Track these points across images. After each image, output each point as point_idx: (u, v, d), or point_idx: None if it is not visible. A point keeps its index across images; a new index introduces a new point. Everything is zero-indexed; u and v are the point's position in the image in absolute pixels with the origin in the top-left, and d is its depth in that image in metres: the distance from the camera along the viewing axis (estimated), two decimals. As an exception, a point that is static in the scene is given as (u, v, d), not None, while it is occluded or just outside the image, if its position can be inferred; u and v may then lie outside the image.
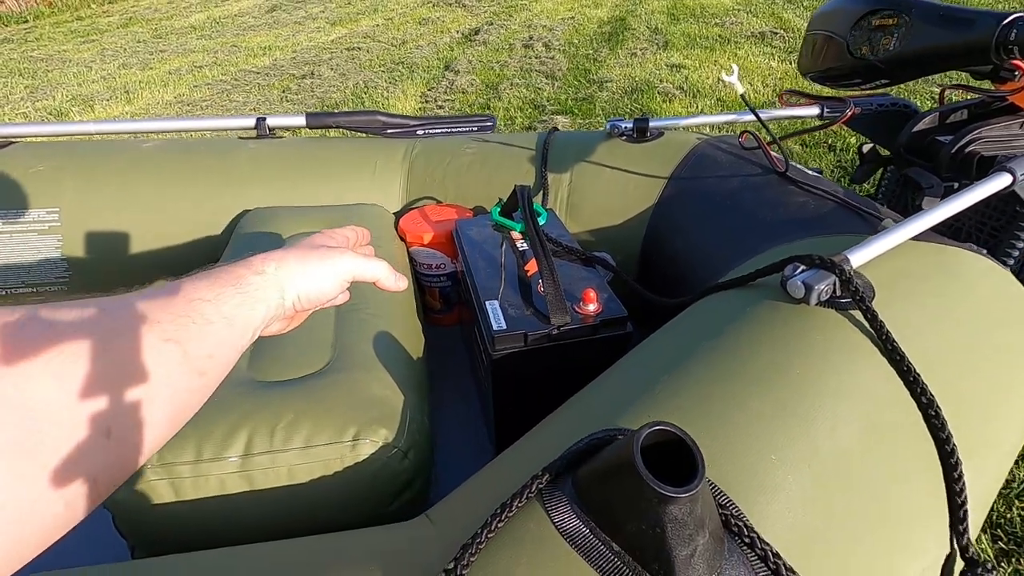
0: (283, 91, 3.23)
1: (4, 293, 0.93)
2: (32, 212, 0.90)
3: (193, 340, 0.27)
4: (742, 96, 0.68)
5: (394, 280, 0.42)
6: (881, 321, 0.45)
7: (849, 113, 0.71)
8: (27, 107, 3.18)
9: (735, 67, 0.65)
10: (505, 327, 0.59)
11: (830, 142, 2.03)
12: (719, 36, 3.49)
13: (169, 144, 1.00)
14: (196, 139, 1.07)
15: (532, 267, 0.70)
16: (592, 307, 0.61)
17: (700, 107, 2.42)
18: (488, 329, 0.59)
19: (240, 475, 0.45)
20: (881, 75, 0.66)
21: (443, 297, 0.92)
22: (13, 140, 0.98)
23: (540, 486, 0.36)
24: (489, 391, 0.62)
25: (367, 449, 0.47)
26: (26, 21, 6.17)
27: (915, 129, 0.74)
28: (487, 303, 0.63)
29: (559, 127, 2.36)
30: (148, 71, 3.81)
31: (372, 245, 0.47)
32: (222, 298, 0.30)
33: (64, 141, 1.01)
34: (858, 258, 0.49)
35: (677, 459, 0.31)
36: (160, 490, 0.43)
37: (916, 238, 0.54)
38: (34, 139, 1.00)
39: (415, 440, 0.50)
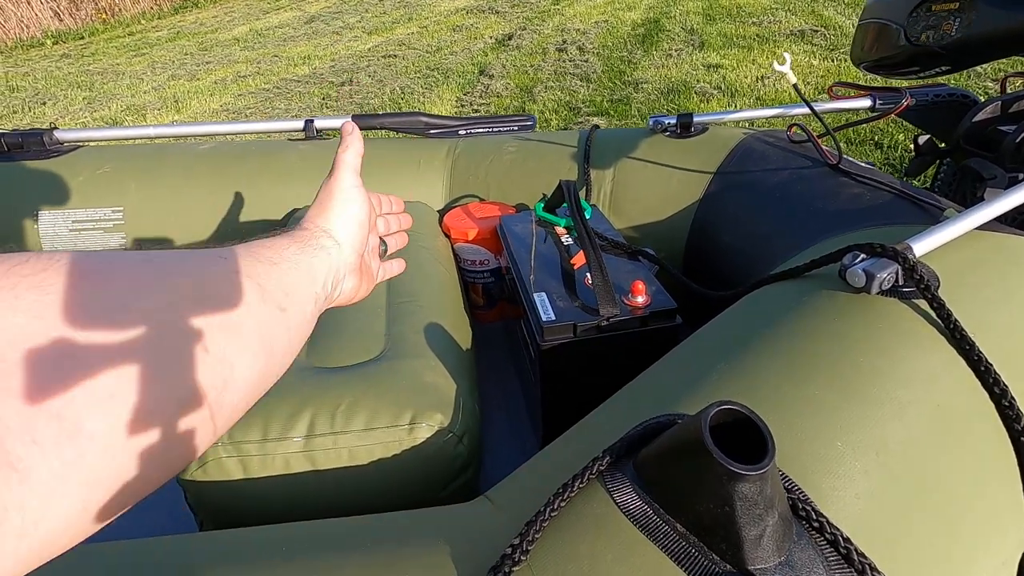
0: (323, 98, 3.32)
1: (72, 288, 0.98)
2: (99, 211, 0.95)
3: (264, 276, 0.28)
4: (794, 86, 0.66)
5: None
6: (949, 310, 0.44)
7: (905, 103, 0.69)
8: (86, 117, 3.36)
9: (787, 55, 0.64)
10: (554, 318, 0.59)
11: (877, 139, 1.97)
12: (757, 35, 3.43)
13: (223, 146, 1.04)
14: (248, 141, 1.12)
15: (578, 260, 0.70)
16: (641, 299, 0.61)
17: (739, 106, 2.39)
18: (537, 320, 0.60)
19: (304, 455, 0.46)
20: (941, 62, 0.64)
21: (486, 293, 0.93)
22: (80, 144, 1.04)
23: (601, 468, 0.36)
24: (538, 383, 0.62)
25: (423, 433, 0.48)
26: (82, 38, 6.51)
27: (976, 119, 0.71)
28: (535, 295, 0.63)
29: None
30: (195, 81, 3.97)
31: (419, 244, 0.48)
32: (280, 247, 0.31)
33: (126, 145, 1.07)
34: (921, 247, 0.48)
35: (744, 441, 0.31)
36: (229, 467, 0.45)
37: (981, 228, 0.52)
38: (99, 143, 1.06)
39: (468, 426, 0.51)
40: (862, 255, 0.48)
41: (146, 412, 0.21)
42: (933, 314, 0.45)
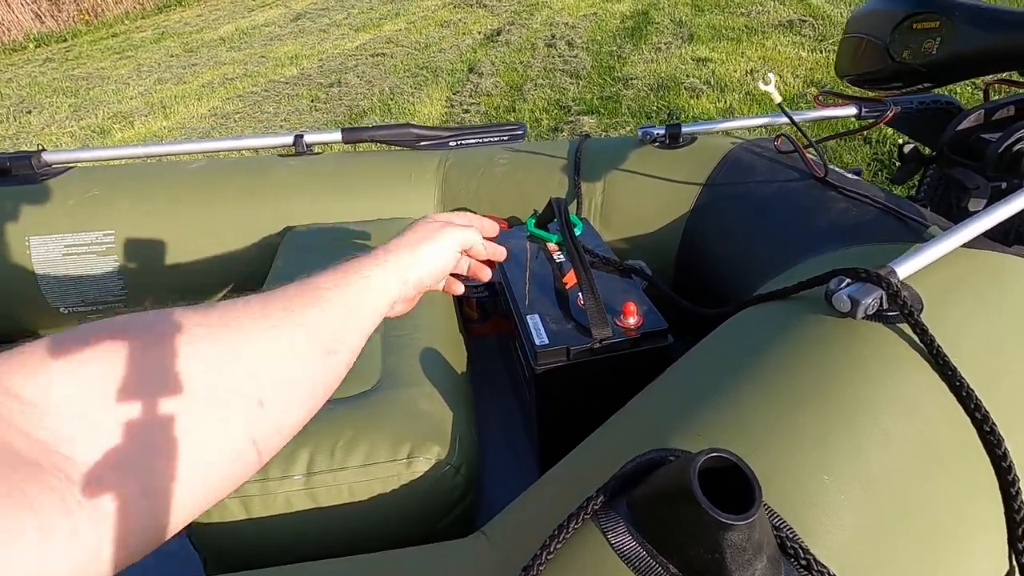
0: (312, 100, 3.30)
1: (66, 312, 0.98)
2: (91, 235, 0.95)
3: (316, 324, 0.31)
4: (779, 105, 0.67)
5: (487, 249, 0.49)
6: (931, 335, 0.45)
7: (890, 114, 0.69)
8: (72, 126, 3.33)
9: (772, 76, 0.65)
10: (548, 342, 0.60)
11: (866, 135, 1.98)
12: (745, 26, 3.43)
13: (213, 164, 1.04)
14: (237, 158, 1.12)
15: (570, 279, 0.71)
16: (632, 320, 0.62)
17: (728, 102, 2.39)
18: (531, 344, 0.60)
19: (305, 492, 0.47)
20: (922, 79, 0.65)
21: (480, 307, 0.93)
22: (69, 165, 1.04)
23: (595, 507, 0.37)
24: (533, 405, 0.63)
25: (421, 466, 0.49)
26: (65, 40, 6.43)
27: (959, 127, 0.72)
28: (528, 317, 0.64)
29: (586, 127, 2.36)
30: (182, 85, 3.94)
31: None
32: (345, 285, 0.34)
33: (115, 165, 1.07)
34: (905, 269, 0.49)
35: (733, 482, 0.31)
36: (232, 508, 0.46)
37: (965, 245, 0.53)
38: (88, 163, 1.05)
39: (466, 456, 0.52)
40: (847, 279, 0.49)
41: (214, 458, 0.25)
42: (916, 339, 0.46)
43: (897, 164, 0.77)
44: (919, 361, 0.45)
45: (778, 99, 0.66)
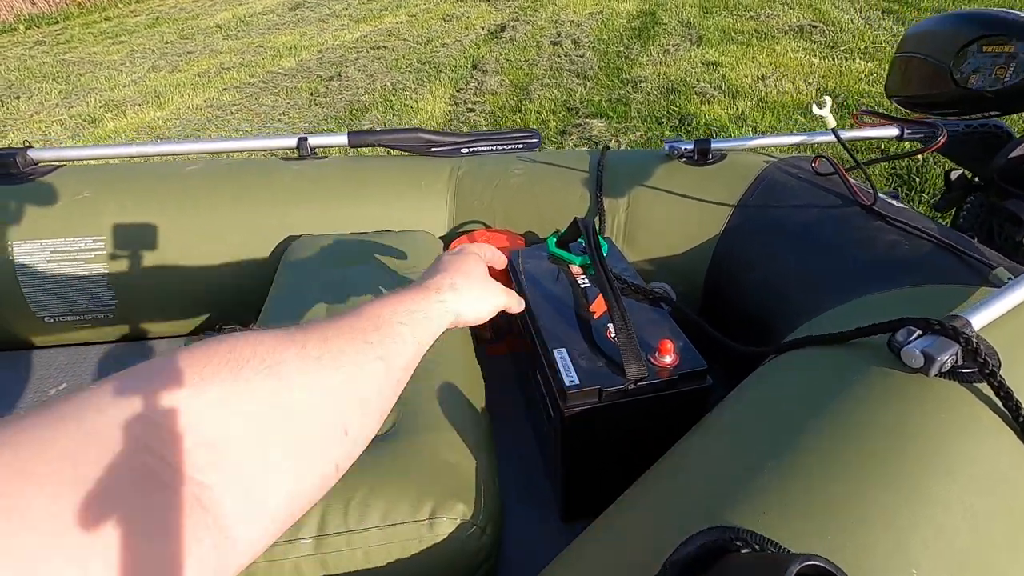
0: (311, 94, 3.22)
1: (52, 321, 0.92)
2: (79, 240, 0.89)
3: (394, 357, 0.33)
4: (834, 131, 0.62)
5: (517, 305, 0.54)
6: (1017, 399, 0.40)
7: (942, 140, 0.65)
8: (62, 113, 3.23)
9: (828, 99, 0.60)
10: (578, 382, 0.55)
11: (882, 148, 1.94)
12: (755, 30, 3.38)
13: (211, 167, 0.98)
14: (238, 160, 1.06)
15: (597, 307, 0.66)
16: (669, 358, 0.57)
17: (740, 108, 2.34)
18: (559, 383, 0.56)
19: (315, 558, 0.42)
20: (989, 106, 0.60)
21: (493, 327, 0.88)
22: (57, 164, 0.98)
23: (652, 602, 0.33)
24: (559, 448, 0.59)
25: (445, 528, 0.44)
26: (56, 22, 6.29)
27: (1012, 155, 0.68)
28: (555, 352, 0.59)
29: (595, 131, 2.31)
30: (177, 73, 3.85)
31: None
32: (414, 321, 0.36)
33: (106, 165, 1.01)
34: (980, 320, 0.45)
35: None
36: (232, 576, 0.41)
37: (1040, 292, 0.49)
38: (78, 163, 0.99)
39: (491, 513, 0.47)
40: (917, 330, 0.45)
41: (312, 482, 0.27)
42: (999, 402, 0.41)
43: (916, 179, 0.73)
44: (1001, 426, 0.41)
45: (832, 123, 0.61)
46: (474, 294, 0.44)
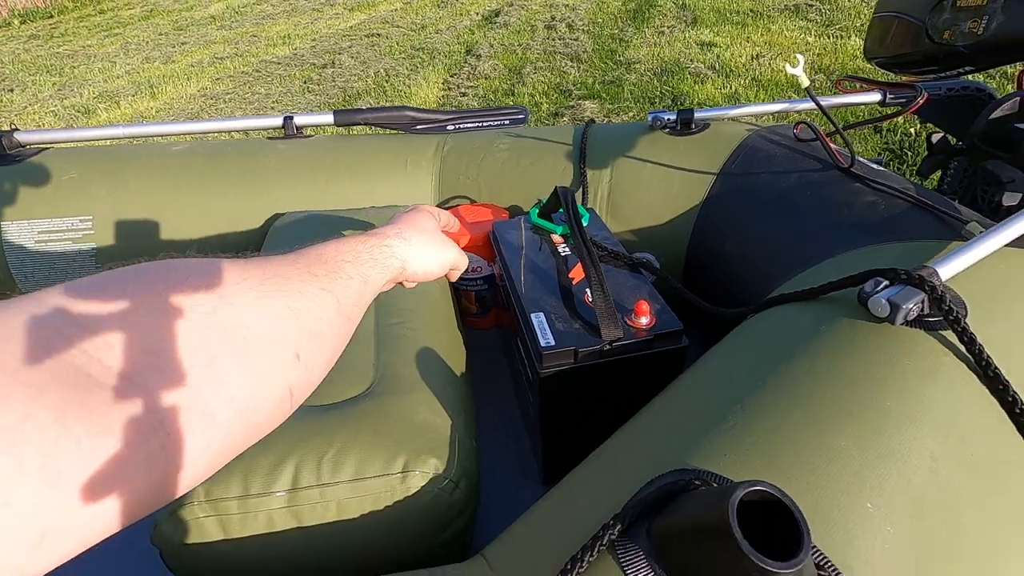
0: (305, 82, 3.21)
1: (42, 301, 0.93)
2: (67, 220, 0.89)
3: (340, 290, 0.33)
4: (807, 90, 0.62)
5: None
6: (980, 344, 0.41)
7: (920, 100, 0.65)
8: (56, 105, 3.23)
9: (800, 57, 0.60)
10: (553, 343, 0.56)
11: (871, 115, 1.92)
12: (751, 10, 3.35)
13: (198, 147, 0.98)
14: (224, 140, 1.06)
15: (577, 274, 0.67)
16: (645, 320, 0.58)
17: (734, 88, 2.33)
18: (535, 345, 0.56)
19: (288, 510, 0.43)
20: (963, 62, 0.60)
21: (479, 301, 0.89)
22: (44, 146, 0.98)
23: (612, 537, 0.33)
24: (536, 410, 0.59)
25: (417, 481, 0.45)
26: (51, 16, 6.25)
27: (992, 116, 0.67)
28: (532, 316, 0.60)
29: (588, 113, 2.30)
30: (171, 64, 3.83)
31: None
32: (359, 260, 0.36)
33: (94, 147, 1.01)
34: (947, 270, 0.45)
35: (771, 515, 0.28)
36: (208, 527, 0.42)
37: (1009, 244, 0.49)
38: (66, 144, 1.00)
39: (465, 469, 0.48)
40: (884, 281, 0.45)
41: (260, 403, 0.26)
42: (963, 348, 0.41)
43: (908, 153, 0.73)
44: (966, 373, 0.41)
45: (806, 83, 0.61)
46: (423, 247, 0.44)
